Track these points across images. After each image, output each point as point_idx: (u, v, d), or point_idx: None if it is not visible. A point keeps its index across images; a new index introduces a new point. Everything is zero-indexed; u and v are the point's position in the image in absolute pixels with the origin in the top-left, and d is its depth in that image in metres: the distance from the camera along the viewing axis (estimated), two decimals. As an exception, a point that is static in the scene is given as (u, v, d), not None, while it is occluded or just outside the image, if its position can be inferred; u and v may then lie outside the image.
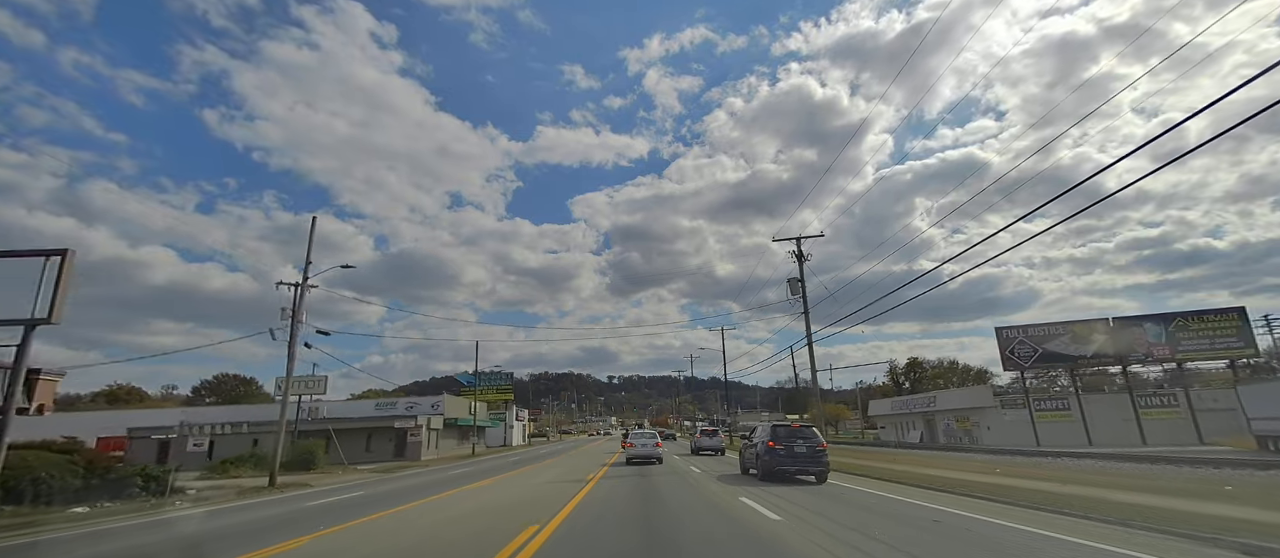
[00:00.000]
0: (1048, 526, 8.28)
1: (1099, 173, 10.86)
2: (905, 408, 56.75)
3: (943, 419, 49.49)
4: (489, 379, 75.06)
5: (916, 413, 53.95)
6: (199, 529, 10.57)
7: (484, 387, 74.51)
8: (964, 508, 10.27)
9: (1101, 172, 10.91)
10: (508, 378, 75.21)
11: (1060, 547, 6.89)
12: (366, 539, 8.38)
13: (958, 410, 47.02)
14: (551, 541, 7.67)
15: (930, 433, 51.91)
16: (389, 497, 14.70)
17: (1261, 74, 7.35)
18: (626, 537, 7.95)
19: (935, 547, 7.05)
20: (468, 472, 25.41)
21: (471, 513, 11.04)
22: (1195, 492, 11.63)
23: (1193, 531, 7.46)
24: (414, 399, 51.44)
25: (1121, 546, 6.82)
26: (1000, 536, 7.62)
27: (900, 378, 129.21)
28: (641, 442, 26.30)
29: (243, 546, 8.13)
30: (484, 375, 75.66)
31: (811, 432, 16.60)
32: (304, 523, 10.35)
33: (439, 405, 47.79)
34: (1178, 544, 7.00)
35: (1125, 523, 8.22)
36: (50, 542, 9.51)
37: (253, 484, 20.52)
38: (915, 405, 54.68)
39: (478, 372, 60.00)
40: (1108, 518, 8.61)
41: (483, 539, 8.02)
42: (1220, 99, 8.07)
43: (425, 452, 41.70)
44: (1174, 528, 7.68)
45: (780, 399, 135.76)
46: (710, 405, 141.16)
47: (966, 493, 12.25)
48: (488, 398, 73.92)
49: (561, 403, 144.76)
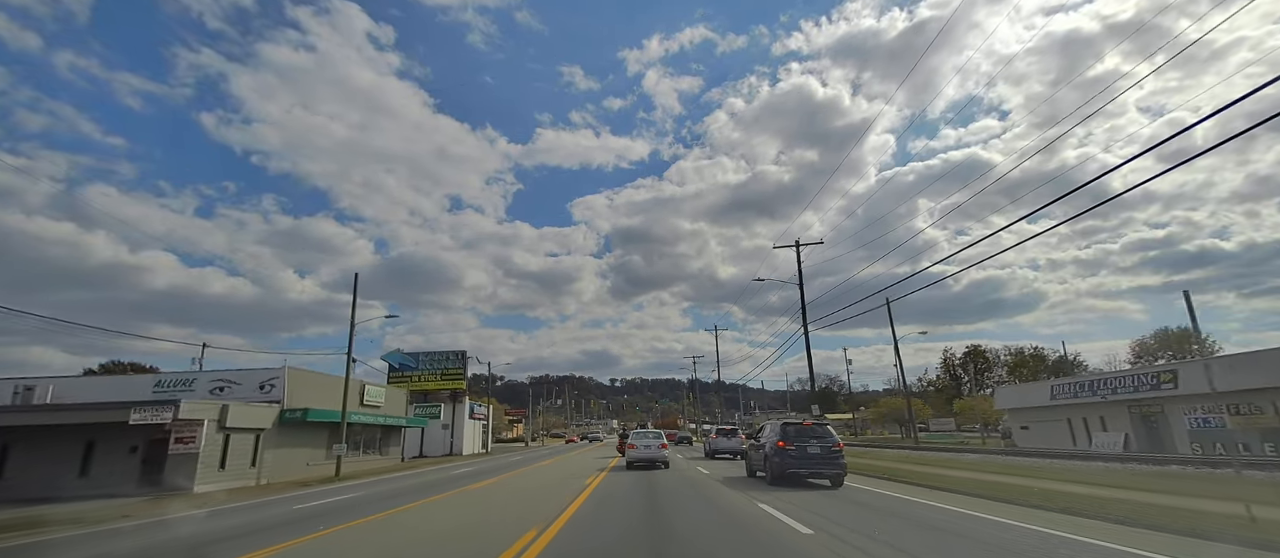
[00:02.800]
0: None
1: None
2: (1077, 395, 34.59)
3: (1186, 413, 27.52)
4: (432, 360, 53.22)
5: (1113, 402, 31.89)
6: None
7: (423, 372, 52.77)
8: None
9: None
10: (458, 359, 53.22)
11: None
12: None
13: (1243, 395, 24.92)
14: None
15: (1150, 436, 29.97)
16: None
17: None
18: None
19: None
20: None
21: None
22: None
23: None
24: (194, 374, 29.81)
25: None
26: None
27: (957, 370, 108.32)
28: (644, 443, 22.98)
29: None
30: (425, 356, 54.00)
31: (826, 431, 15.29)
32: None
33: (275, 385, 26.06)
34: None
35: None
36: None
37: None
38: (1108, 388, 32.50)
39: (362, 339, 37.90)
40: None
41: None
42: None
43: (210, 476, 20.06)
44: None
45: (789, 400, 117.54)
46: (714, 409, 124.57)
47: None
48: (424, 385, 52.09)
49: (548, 405, 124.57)
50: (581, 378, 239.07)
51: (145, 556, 8.63)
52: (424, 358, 52.97)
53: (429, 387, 52.19)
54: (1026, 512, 9.81)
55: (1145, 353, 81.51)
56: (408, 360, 52.68)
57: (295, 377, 26.84)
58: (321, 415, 26.58)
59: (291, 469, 25.67)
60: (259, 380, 26.02)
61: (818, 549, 6.94)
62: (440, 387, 52.12)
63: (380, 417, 33.62)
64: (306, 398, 26.96)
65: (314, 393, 27.74)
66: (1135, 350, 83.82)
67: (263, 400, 25.31)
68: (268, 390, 25.79)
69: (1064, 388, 35.64)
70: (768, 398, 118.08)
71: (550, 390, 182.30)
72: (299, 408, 25.71)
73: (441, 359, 53.01)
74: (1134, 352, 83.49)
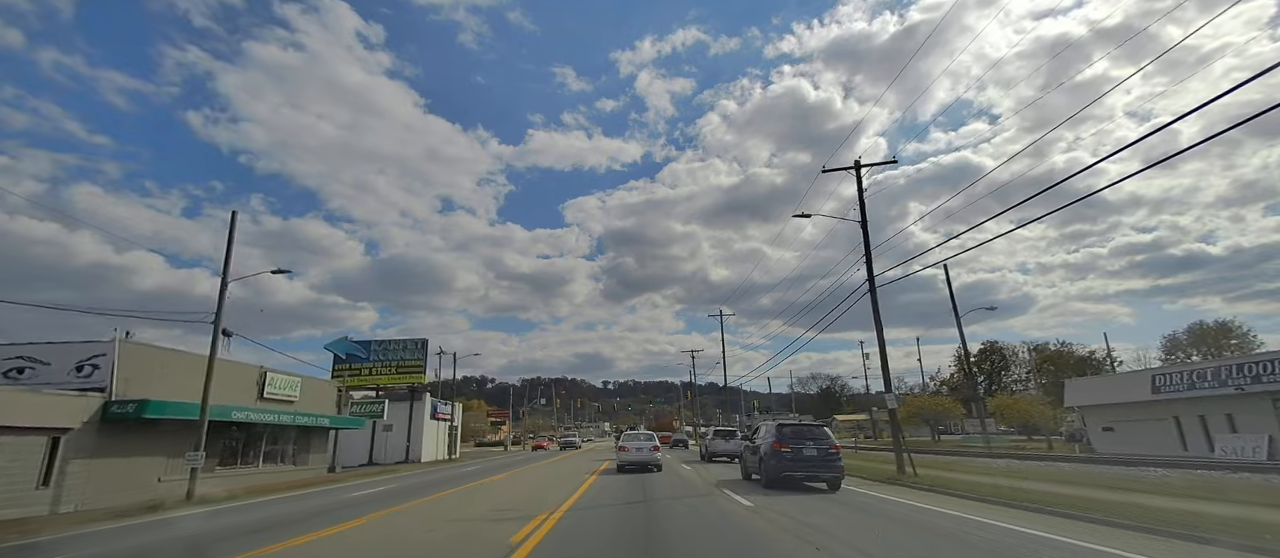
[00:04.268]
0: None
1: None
2: (1195, 386, 26.99)
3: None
4: (385, 351, 45.09)
5: (1252, 395, 24.30)
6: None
7: (375, 364, 44.63)
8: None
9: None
10: (417, 349, 45.12)
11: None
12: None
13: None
14: None
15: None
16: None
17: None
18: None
19: None
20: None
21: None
22: None
23: None
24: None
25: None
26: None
27: (973, 370, 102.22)
28: (636, 446, 22.17)
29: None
30: (378, 346, 45.83)
31: (823, 432, 14.82)
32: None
33: (99, 366, 17.89)
34: None
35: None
36: None
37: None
38: (1246, 376, 24.88)
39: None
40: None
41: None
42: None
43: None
44: None
45: (793, 402, 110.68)
46: (709, 412, 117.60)
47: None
48: (377, 380, 43.99)
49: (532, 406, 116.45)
50: (574, 381, 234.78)
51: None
52: (377, 348, 44.73)
53: (382, 382, 43.98)
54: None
55: (1176, 349, 76.01)
56: (356, 350, 44.50)
57: (134, 356, 18.67)
58: (178, 411, 18.48)
59: (129, 487, 17.58)
60: (77, 359, 17.88)
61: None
62: (395, 382, 43.92)
63: (291, 415, 25.53)
64: (155, 386, 18.83)
65: (172, 380, 19.63)
66: (1167, 346, 78.53)
67: (78, 387, 17.24)
68: (87, 374, 17.69)
69: (1176, 379, 27.96)
70: (772, 401, 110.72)
71: (542, 393, 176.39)
72: (134, 400, 17.59)
73: (397, 349, 44.77)
74: (1165, 348, 78.25)
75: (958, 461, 25.23)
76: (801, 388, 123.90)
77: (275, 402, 25.30)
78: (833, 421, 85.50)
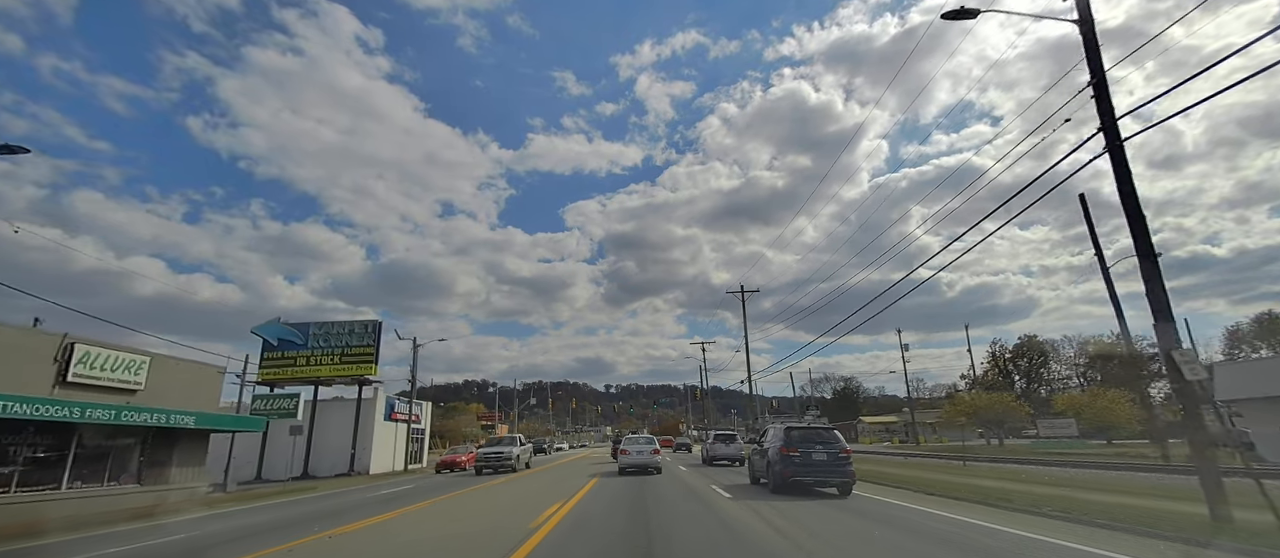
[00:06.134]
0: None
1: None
2: None
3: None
4: (327, 336, 36.90)
5: None
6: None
7: (315, 351, 36.47)
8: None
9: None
10: (367, 334, 36.93)
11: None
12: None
13: None
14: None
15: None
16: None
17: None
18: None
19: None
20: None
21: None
22: None
23: None
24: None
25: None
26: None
27: (1007, 367, 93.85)
28: (636, 449, 22.86)
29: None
30: (319, 328, 37.64)
31: (833, 435, 14.49)
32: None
33: None
34: None
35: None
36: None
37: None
38: None
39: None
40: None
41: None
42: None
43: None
44: None
45: (807, 404, 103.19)
46: (710, 416, 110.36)
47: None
48: (317, 371, 35.85)
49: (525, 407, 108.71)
50: (576, 385, 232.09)
51: None
52: (318, 331, 36.51)
53: (323, 374, 35.77)
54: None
55: (1240, 342, 68.45)
56: (292, 335, 36.30)
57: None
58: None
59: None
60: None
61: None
62: (338, 373, 35.72)
63: (130, 410, 17.26)
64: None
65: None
66: (1230, 338, 71.03)
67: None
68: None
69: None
70: (783, 404, 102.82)
71: (538, 396, 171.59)
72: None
73: (342, 333, 36.51)
74: (1227, 341, 70.72)
75: (1123, 479, 16.89)
76: (814, 390, 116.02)
77: (96, 389, 17.11)
78: (859, 422, 77.10)
